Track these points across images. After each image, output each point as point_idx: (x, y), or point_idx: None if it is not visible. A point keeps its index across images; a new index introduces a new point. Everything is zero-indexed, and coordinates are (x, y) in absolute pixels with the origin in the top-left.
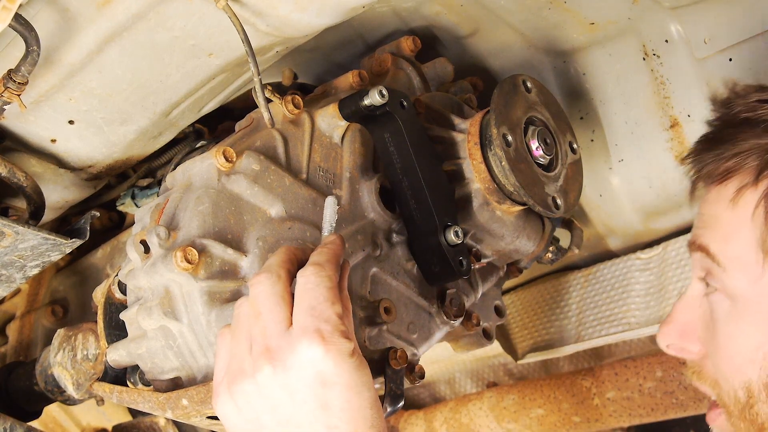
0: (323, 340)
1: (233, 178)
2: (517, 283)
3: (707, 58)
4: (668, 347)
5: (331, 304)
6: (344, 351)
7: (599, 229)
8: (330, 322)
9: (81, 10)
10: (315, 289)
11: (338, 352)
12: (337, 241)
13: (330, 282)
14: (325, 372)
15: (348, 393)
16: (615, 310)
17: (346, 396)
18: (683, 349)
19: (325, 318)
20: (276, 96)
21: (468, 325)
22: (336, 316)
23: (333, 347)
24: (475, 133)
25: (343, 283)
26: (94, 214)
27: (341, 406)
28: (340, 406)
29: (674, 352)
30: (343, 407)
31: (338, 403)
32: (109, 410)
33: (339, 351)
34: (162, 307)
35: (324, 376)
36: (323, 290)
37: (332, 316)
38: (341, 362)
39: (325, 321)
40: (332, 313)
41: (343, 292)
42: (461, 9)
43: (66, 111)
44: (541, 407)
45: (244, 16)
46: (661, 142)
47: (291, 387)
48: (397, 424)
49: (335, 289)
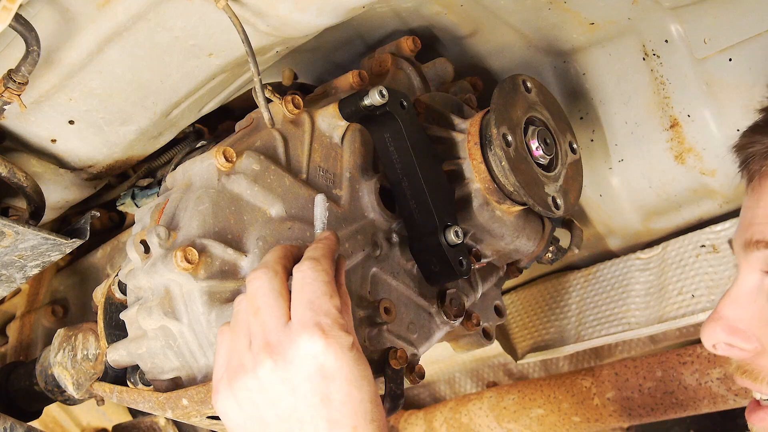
0: (324, 334)
1: (233, 178)
2: (517, 283)
3: (707, 58)
4: (714, 347)
5: (329, 298)
6: (344, 344)
7: (599, 229)
8: (330, 316)
9: (81, 10)
10: (313, 283)
11: (339, 345)
12: (331, 237)
13: (327, 276)
14: (326, 365)
15: (349, 386)
16: (615, 310)
17: (346, 389)
18: (732, 347)
19: (325, 311)
20: (276, 96)
21: (468, 325)
22: (335, 309)
23: (333, 340)
24: (475, 133)
25: (340, 278)
26: (94, 214)
27: (342, 400)
28: (341, 399)
29: (722, 351)
30: (344, 401)
31: (339, 396)
32: (109, 410)
33: (339, 344)
34: (162, 307)
35: (325, 370)
36: (321, 284)
37: (331, 309)
38: (342, 355)
39: (324, 314)
40: (331, 307)
41: (341, 287)
42: (461, 9)
43: (66, 111)
44: (541, 407)
45: (244, 16)
46: (661, 142)
47: (292, 381)
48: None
49: (332, 283)
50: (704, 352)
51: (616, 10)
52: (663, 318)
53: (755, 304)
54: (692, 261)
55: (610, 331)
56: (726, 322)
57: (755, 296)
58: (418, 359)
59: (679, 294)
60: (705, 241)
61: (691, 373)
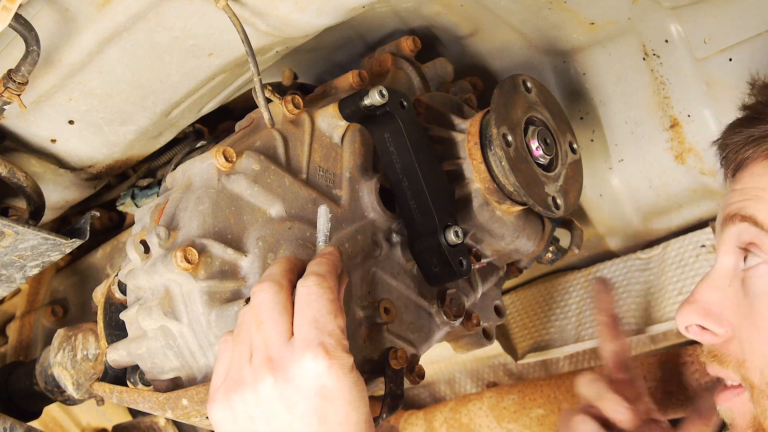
0: (327, 354)
1: (233, 178)
2: (517, 283)
3: (707, 58)
4: (687, 329)
5: (333, 318)
6: (346, 366)
7: (599, 229)
8: (333, 336)
9: (81, 10)
10: (318, 301)
11: (340, 367)
12: (335, 253)
13: (332, 294)
14: (327, 386)
15: (347, 407)
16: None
17: (345, 410)
18: (705, 331)
19: (329, 331)
20: (276, 96)
21: (468, 325)
22: (339, 329)
23: (336, 361)
24: (475, 133)
25: (341, 296)
26: (94, 214)
27: (339, 420)
28: (338, 420)
29: (693, 334)
30: (341, 421)
31: (337, 417)
32: (109, 410)
33: (341, 366)
34: (162, 307)
35: (325, 390)
36: (326, 302)
37: (335, 329)
38: (342, 377)
39: (329, 335)
40: (335, 327)
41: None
42: (461, 9)
43: (66, 111)
44: (541, 407)
45: (244, 16)
46: (661, 142)
47: (291, 399)
48: (397, 424)
49: (337, 302)
50: None
51: (616, 10)
52: (663, 318)
53: (730, 288)
54: (692, 261)
55: None
56: (700, 305)
57: (730, 279)
58: (418, 359)
59: (679, 294)
60: (705, 241)
61: (691, 373)
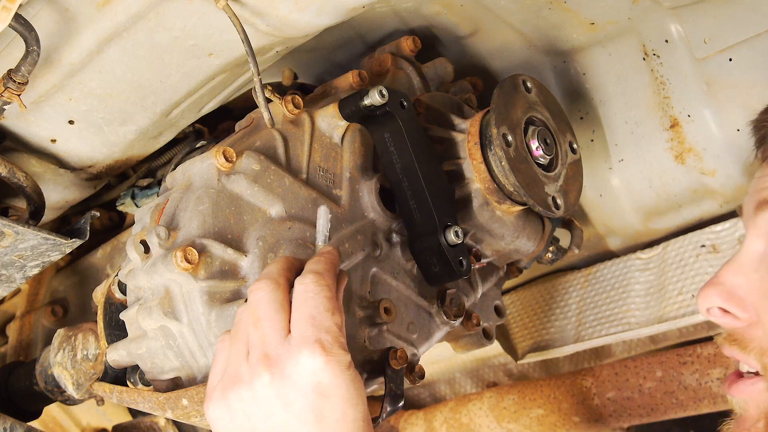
0: (324, 351)
1: (233, 178)
2: (517, 283)
3: (707, 58)
4: (709, 311)
5: (330, 315)
6: (343, 363)
7: (599, 229)
8: (330, 333)
9: (81, 10)
10: (315, 298)
11: (338, 364)
12: (334, 252)
13: (329, 291)
14: (324, 383)
15: (344, 405)
16: (615, 310)
17: (342, 408)
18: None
19: (326, 328)
20: (276, 96)
21: (468, 325)
22: (336, 326)
23: (333, 358)
24: (475, 133)
25: (339, 295)
26: (94, 214)
27: (336, 418)
28: (335, 417)
29: (714, 317)
30: (338, 419)
31: (334, 414)
32: (109, 410)
33: (338, 363)
34: (162, 307)
35: (322, 387)
36: (323, 299)
37: (332, 326)
38: (340, 374)
39: (326, 331)
40: (332, 324)
41: (339, 304)
42: (461, 9)
43: (66, 111)
44: (541, 407)
45: (244, 16)
46: (661, 142)
47: (288, 396)
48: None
49: (334, 299)
50: (704, 352)
51: (616, 10)
52: (663, 318)
53: (757, 273)
54: (692, 261)
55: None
56: (724, 287)
57: (758, 264)
58: (418, 359)
59: (679, 294)
60: (705, 241)
61: (691, 373)
